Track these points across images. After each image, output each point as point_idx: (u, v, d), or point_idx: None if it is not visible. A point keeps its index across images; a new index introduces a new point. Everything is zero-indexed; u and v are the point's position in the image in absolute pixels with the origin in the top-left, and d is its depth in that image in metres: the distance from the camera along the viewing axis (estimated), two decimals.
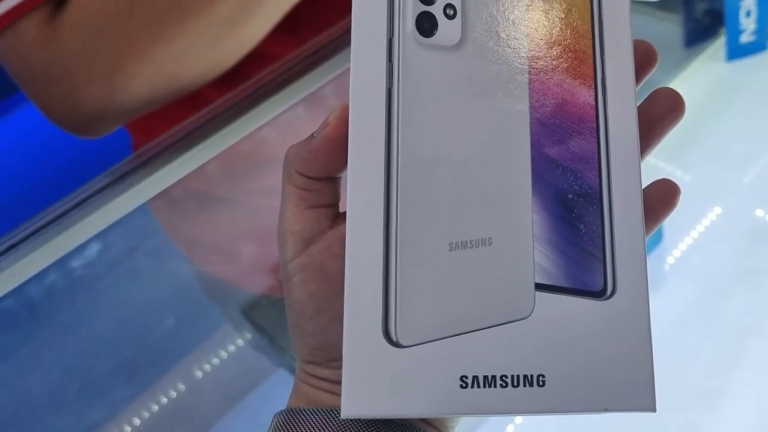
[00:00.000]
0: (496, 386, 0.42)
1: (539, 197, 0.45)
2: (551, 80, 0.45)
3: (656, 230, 0.55)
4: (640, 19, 1.34)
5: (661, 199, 0.48)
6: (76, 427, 0.94)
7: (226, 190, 1.05)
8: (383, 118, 0.43)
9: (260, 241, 1.08)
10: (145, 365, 1.03)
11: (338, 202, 0.50)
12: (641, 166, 0.45)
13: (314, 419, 0.48)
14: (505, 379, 0.42)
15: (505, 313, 0.43)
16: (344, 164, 0.45)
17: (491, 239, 0.44)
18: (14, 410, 0.93)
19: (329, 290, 0.47)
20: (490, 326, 0.43)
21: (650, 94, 0.49)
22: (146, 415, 0.97)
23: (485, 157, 0.44)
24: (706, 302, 1.07)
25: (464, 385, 0.42)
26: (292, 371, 0.80)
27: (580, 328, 0.43)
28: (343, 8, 0.78)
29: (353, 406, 0.42)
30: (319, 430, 0.47)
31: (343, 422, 0.47)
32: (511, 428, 0.98)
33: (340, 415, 0.42)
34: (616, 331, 0.43)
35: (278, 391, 1.00)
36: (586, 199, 0.45)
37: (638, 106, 0.46)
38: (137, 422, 0.96)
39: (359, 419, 0.47)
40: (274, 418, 0.50)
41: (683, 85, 1.35)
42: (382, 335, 0.42)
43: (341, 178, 0.49)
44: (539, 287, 0.44)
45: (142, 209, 0.90)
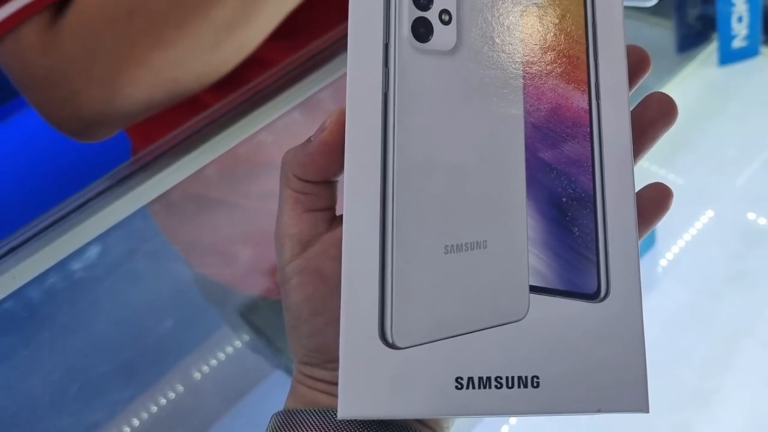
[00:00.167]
0: (491, 387, 0.42)
1: (533, 200, 0.45)
2: (545, 85, 0.45)
3: (649, 233, 0.55)
4: (633, 24, 1.34)
5: (653, 202, 0.48)
6: (75, 427, 0.94)
7: (224, 193, 1.05)
8: (379, 122, 0.43)
9: (258, 244, 1.08)
10: (144, 366, 1.03)
11: (335, 205, 0.50)
12: (634, 169, 0.45)
13: (311, 420, 0.48)
14: (499, 380, 0.42)
15: (499, 315, 0.43)
16: (341, 168, 0.45)
17: (486, 242, 0.44)
18: (15, 411, 0.93)
19: (326, 292, 0.47)
20: (485, 328, 0.43)
21: (643, 98, 0.49)
22: (145, 415, 0.96)
23: (480, 160, 0.44)
24: (698, 304, 1.07)
25: (459, 386, 0.42)
26: (289, 372, 0.80)
27: (573, 330, 0.43)
28: (339, 13, 0.78)
29: (350, 406, 0.42)
30: (316, 430, 0.47)
31: (339, 423, 0.47)
32: (505, 429, 0.98)
33: (336, 415, 0.42)
34: (609, 333, 0.43)
35: (276, 392, 1.00)
36: (579, 202, 0.45)
37: (631, 110, 0.46)
38: (136, 423, 0.96)
39: (356, 420, 0.47)
40: (271, 418, 0.50)
41: (676, 89, 1.35)
42: (378, 337, 0.42)
43: (338, 181, 0.49)
44: (533, 289, 0.44)
45: (141, 212, 0.90)
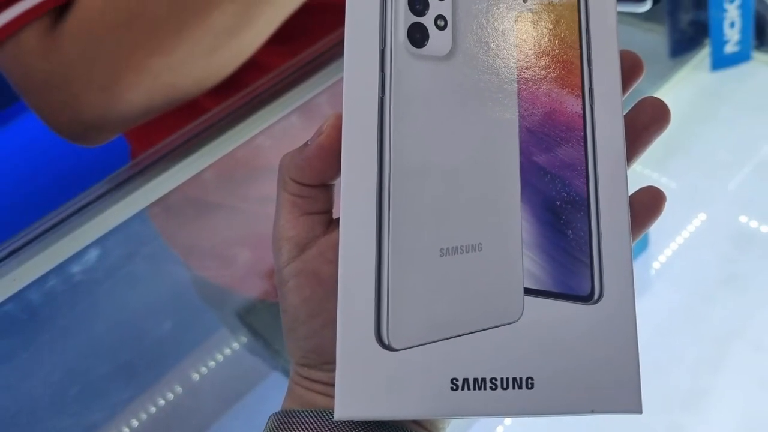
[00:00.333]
0: (485, 388, 0.42)
1: (528, 204, 0.45)
2: (540, 89, 0.45)
3: (642, 236, 0.55)
4: (626, 30, 1.34)
5: (647, 205, 0.48)
6: (75, 428, 0.94)
7: (222, 197, 1.05)
8: (375, 126, 0.43)
9: (255, 246, 1.08)
10: (143, 368, 1.03)
11: (332, 208, 0.50)
12: (628, 173, 0.45)
13: (308, 421, 0.48)
14: (494, 381, 0.42)
15: (494, 317, 0.43)
16: (337, 172, 0.45)
17: (481, 245, 0.44)
18: (15, 412, 0.93)
19: (323, 295, 0.47)
20: (480, 330, 0.43)
21: (636, 103, 0.49)
22: (144, 416, 0.96)
23: (475, 164, 0.44)
24: (691, 306, 1.07)
25: (455, 387, 0.42)
26: (286, 374, 0.80)
27: (568, 331, 0.43)
28: (336, 19, 0.78)
29: (346, 407, 0.42)
30: (313, 431, 0.47)
31: (336, 423, 0.47)
32: (500, 429, 0.98)
33: (333, 416, 0.42)
34: (603, 334, 0.43)
35: (273, 393, 1.00)
36: (573, 205, 0.45)
37: (625, 114, 0.46)
38: (135, 424, 0.96)
39: (352, 420, 0.47)
40: (269, 419, 0.50)
41: (669, 94, 1.35)
42: (374, 339, 0.42)
43: (334, 185, 0.49)
44: (528, 292, 0.44)
45: (140, 216, 0.89)
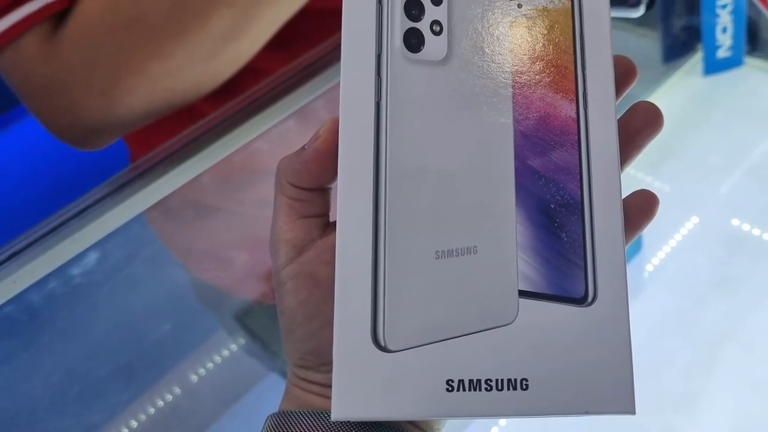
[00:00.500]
0: (481, 389, 0.42)
1: (522, 207, 0.45)
2: (534, 94, 0.45)
3: (636, 239, 0.55)
4: (620, 35, 1.34)
5: (640, 209, 0.48)
6: (75, 428, 0.94)
7: (220, 200, 1.05)
8: (372, 130, 0.43)
9: (253, 249, 1.08)
10: (142, 369, 1.03)
11: (328, 211, 0.50)
12: (621, 177, 0.45)
13: (305, 421, 0.48)
14: (489, 382, 0.42)
15: (489, 319, 0.43)
16: (334, 175, 0.45)
17: (476, 248, 0.44)
18: (15, 413, 0.93)
19: (320, 297, 0.47)
20: (475, 332, 0.43)
21: (630, 107, 0.49)
22: (143, 417, 0.96)
23: (470, 168, 0.44)
24: (683, 308, 1.07)
25: (450, 388, 0.42)
26: (284, 375, 0.80)
27: (562, 333, 0.43)
28: (332, 25, 0.78)
29: (343, 408, 0.42)
30: None
31: (333, 424, 0.47)
32: (495, 430, 0.98)
33: (330, 417, 0.42)
34: (596, 336, 0.43)
35: (271, 394, 1.00)
36: (567, 209, 0.45)
37: (618, 119, 0.46)
38: (134, 424, 0.96)
39: (349, 421, 0.46)
40: (266, 420, 0.50)
41: (662, 99, 1.35)
42: (371, 340, 0.42)
43: (331, 188, 0.49)
44: (522, 294, 0.44)
45: (139, 219, 0.89)
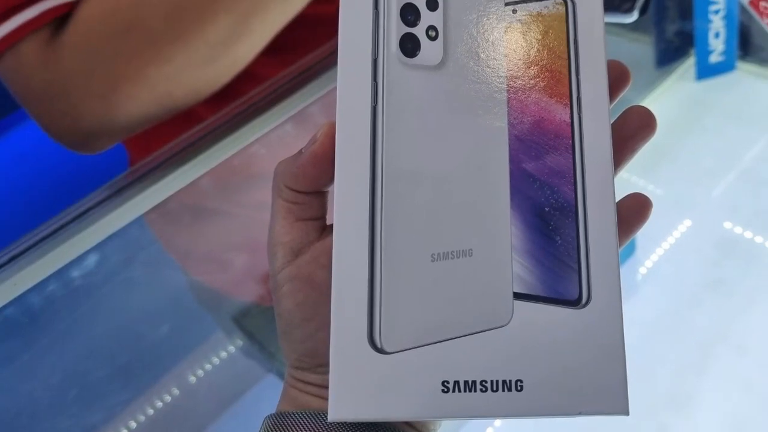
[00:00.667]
0: (476, 391, 0.42)
1: (517, 210, 0.45)
2: (529, 98, 0.45)
3: (629, 241, 0.55)
4: (613, 40, 1.34)
5: (633, 212, 0.48)
6: (75, 429, 0.94)
7: (218, 203, 1.05)
8: (368, 134, 0.43)
9: (251, 252, 1.08)
10: (140, 370, 1.03)
11: (325, 214, 0.50)
12: (615, 180, 0.45)
13: (302, 422, 0.48)
14: (484, 383, 0.42)
15: (484, 321, 0.43)
16: (331, 179, 0.45)
17: (471, 250, 0.44)
18: (15, 413, 0.93)
19: (316, 299, 0.47)
20: (470, 333, 0.43)
21: (623, 111, 0.49)
22: (142, 418, 0.96)
23: (466, 171, 0.44)
24: (676, 310, 1.07)
25: (446, 389, 0.42)
26: (281, 376, 0.80)
27: (556, 335, 0.43)
28: (329, 31, 0.78)
29: (340, 409, 0.42)
30: None
31: (330, 425, 0.47)
32: (490, 431, 0.98)
33: (327, 418, 0.42)
34: (590, 338, 0.43)
35: (268, 395, 1.00)
36: (562, 212, 0.45)
37: (612, 123, 0.46)
38: (133, 425, 0.96)
39: (345, 422, 0.46)
40: (264, 421, 0.50)
41: (655, 103, 1.35)
42: (367, 342, 0.42)
43: (328, 192, 0.49)
44: (517, 296, 0.44)
45: (138, 222, 0.89)
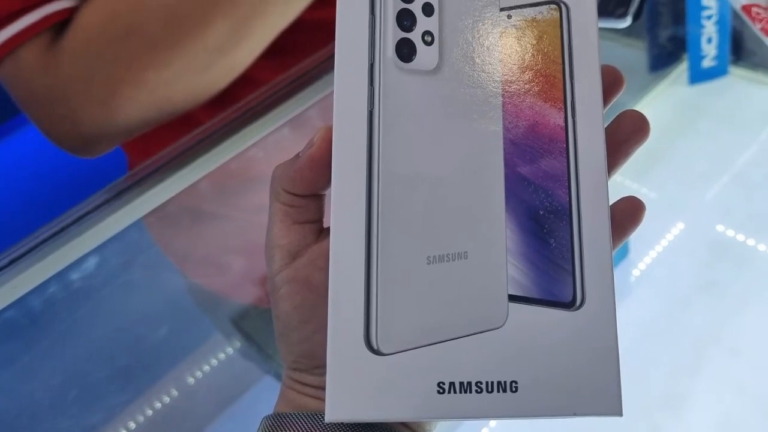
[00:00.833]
0: (471, 392, 0.42)
1: (512, 213, 0.45)
2: (523, 103, 0.45)
3: (623, 244, 0.55)
4: (607, 45, 1.34)
5: (627, 215, 0.48)
6: (74, 430, 0.94)
7: (216, 206, 1.05)
8: (365, 138, 0.43)
9: (249, 254, 1.08)
10: (139, 372, 1.03)
11: (322, 218, 0.50)
12: (608, 183, 0.45)
13: (300, 423, 0.48)
14: (480, 385, 0.42)
15: (480, 322, 0.43)
16: (328, 182, 0.45)
17: (467, 253, 0.44)
18: (16, 414, 0.93)
19: (314, 301, 0.47)
20: (465, 335, 0.43)
21: (617, 116, 0.49)
22: (141, 419, 0.96)
23: (461, 175, 0.44)
24: (669, 312, 1.07)
25: (441, 390, 0.42)
26: (279, 378, 0.80)
27: (550, 337, 0.43)
28: (326, 36, 0.78)
29: (337, 410, 0.42)
30: None
31: (327, 426, 0.47)
32: (485, 431, 0.98)
33: (324, 419, 0.42)
34: (584, 339, 0.43)
35: (266, 396, 1.00)
36: (556, 215, 0.45)
37: (606, 127, 0.46)
38: (132, 426, 0.95)
39: (342, 423, 0.46)
40: (261, 422, 0.50)
41: (648, 107, 1.35)
42: (363, 344, 0.42)
43: (325, 195, 0.49)
44: (512, 298, 0.44)
45: (137, 225, 0.89)
